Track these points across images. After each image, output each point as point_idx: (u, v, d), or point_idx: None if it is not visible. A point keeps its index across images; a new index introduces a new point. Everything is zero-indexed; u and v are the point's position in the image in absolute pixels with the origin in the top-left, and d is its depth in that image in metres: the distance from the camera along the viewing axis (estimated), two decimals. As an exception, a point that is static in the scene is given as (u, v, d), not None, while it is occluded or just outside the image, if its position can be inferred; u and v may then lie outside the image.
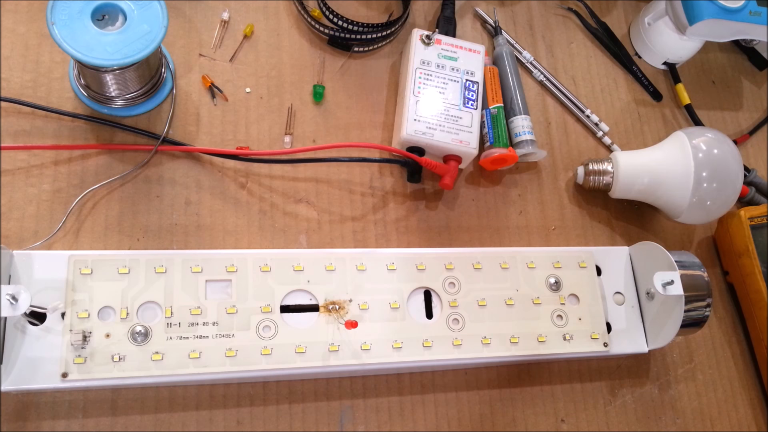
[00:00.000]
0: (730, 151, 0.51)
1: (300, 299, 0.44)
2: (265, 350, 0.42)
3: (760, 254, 0.54)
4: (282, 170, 0.50)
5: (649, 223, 0.58)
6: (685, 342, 0.55)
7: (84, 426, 0.41)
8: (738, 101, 0.65)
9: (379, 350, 0.44)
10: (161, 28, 0.42)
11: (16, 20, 0.48)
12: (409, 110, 0.50)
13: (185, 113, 0.49)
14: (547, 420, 0.49)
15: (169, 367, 0.40)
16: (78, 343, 0.39)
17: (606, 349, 0.48)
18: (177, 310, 0.41)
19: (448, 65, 0.52)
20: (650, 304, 0.49)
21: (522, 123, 0.54)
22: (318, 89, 0.52)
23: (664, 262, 0.47)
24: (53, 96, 0.47)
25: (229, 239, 0.47)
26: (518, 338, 0.46)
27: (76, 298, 0.40)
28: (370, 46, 0.55)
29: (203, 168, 0.48)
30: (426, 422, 0.47)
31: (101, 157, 0.46)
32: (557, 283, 0.49)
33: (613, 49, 0.62)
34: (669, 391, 0.53)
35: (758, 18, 0.57)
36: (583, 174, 0.55)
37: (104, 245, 0.45)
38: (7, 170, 0.45)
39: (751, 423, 0.54)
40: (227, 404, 0.44)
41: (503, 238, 0.53)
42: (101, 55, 0.40)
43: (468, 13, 0.59)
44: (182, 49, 0.51)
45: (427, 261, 0.47)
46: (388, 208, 0.51)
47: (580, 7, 0.63)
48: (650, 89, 0.62)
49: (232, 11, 0.53)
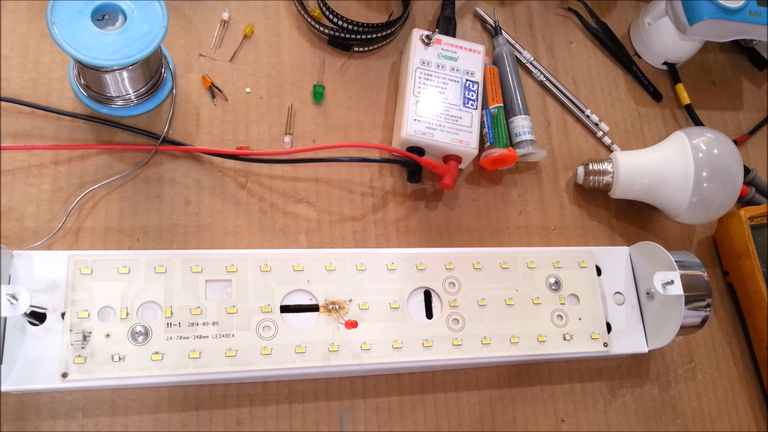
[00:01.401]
0: (730, 151, 0.51)
1: (300, 299, 0.44)
2: (265, 350, 0.42)
3: (760, 254, 0.54)
4: (282, 170, 0.50)
5: (649, 223, 0.58)
6: (685, 342, 0.55)
7: (84, 426, 0.41)
8: (738, 101, 0.65)
9: (379, 350, 0.44)
10: (161, 28, 0.42)
11: (16, 20, 0.48)
12: (409, 110, 0.50)
13: (185, 113, 0.49)
14: (547, 420, 0.49)
15: (169, 367, 0.40)
16: (78, 343, 0.39)
17: (606, 349, 0.48)
18: (177, 310, 0.41)
19: (448, 65, 0.52)
20: (650, 304, 0.49)
21: (522, 123, 0.54)
22: (318, 89, 0.52)
23: (664, 262, 0.47)
24: (53, 96, 0.47)
25: (229, 239, 0.47)
26: (518, 338, 0.46)
27: (76, 298, 0.40)
28: (370, 46, 0.55)
29: (203, 168, 0.48)
30: (426, 422, 0.47)
31: (101, 157, 0.46)
32: (557, 283, 0.49)
33: (613, 49, 0.62)
34: (669, 391, 0.53)
35: (758, 18, 0.57)
36: (583, 174, 0.55)
37: (104, 245, 0.45)
38: (7, 170, 0.45)
39: (751, 423, 0.54)
40: (227, 404, 0.44)
41: (503, 238, 0.53)
42: (101, 55, 0.40)
43: (468, 13, 0.59)
44: (182, 49, 0.51)
45: (427, 261, 0.47)
46: (388, 208, 0.51)
47: (580, 7, 0.63)
48: (650, 89, 0.62)
49: (232, 11, 0.53)
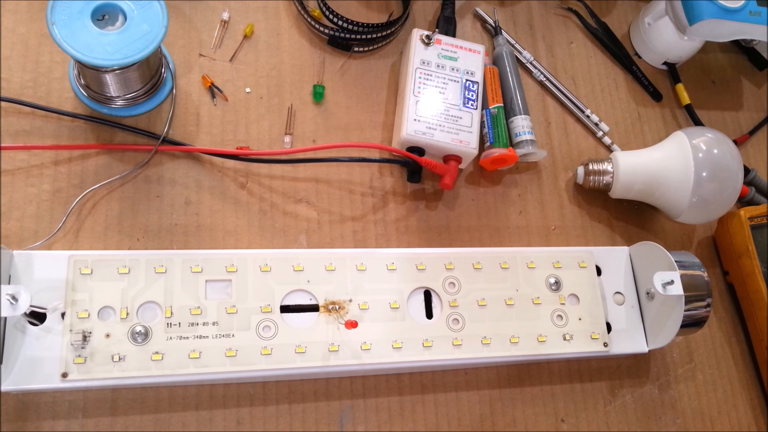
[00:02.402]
0: (730, 151, 0.51)
1: (300, 299, 0.44)
2: (265, 350, 0.42)
3: (760, 254, 0.54)
4: (282, 170, 0.50)
5: (649, 223, 0.58)
6: (685, 342, 0.55)
7: (84, 426, 0.41)
8: (738, 101, 0.65)
9: (379, 350, 0.44)
10: (161, 28, 0.42)
11: (16, 20, 0.48)
12: (409, 110, 0.50)
13: (185, 113, 0.49)
14: (547, 420, 0.49)
15: (169, 367, 0.40)
16: (78, 343, 0.39)
17: (606, 349, 0.48)
18: (177, 310, 0.41)
19: (448, 65, 0.52)
20: (650, 304, 0.49)
21: (522, 123, 0.54)
22: (318, 89, 0.52)
23: (664, 262, 0.47)
24: (53, 96, 0.47)
25: (229, 239, 0.47)
26: (518, 338, 0.46)
27: (76, 298, 0.40)
28: (370, 46, 0.55)
29: (203, 168, 0.48)
30: (426, 422, 0.47)
31: (101, 157, 0.46)
32: (557, 283, 0.49)
33: (613, 49, 0.62)
34: (669, 391, 0.53)
35: (758, 18, 0.57)
36: (583, 174, 0.55)
37: (104, 245, 0.45)
38: (7, 170, 0.45)
39: (751, 423, 0.54)
40: (227, 404, 0.44)
41: (503, 238, 0.53)
42: (101, 55, 0.40)
43: (468, 13, 0.59)
44: (182, 49, 0.51)
45: (427, 261, 0.47)
46: (388, 208, 0.51)
47: (580, 7, 0.63)
48: (650, 89, 0.62)
49: (232, 11, 0.53)
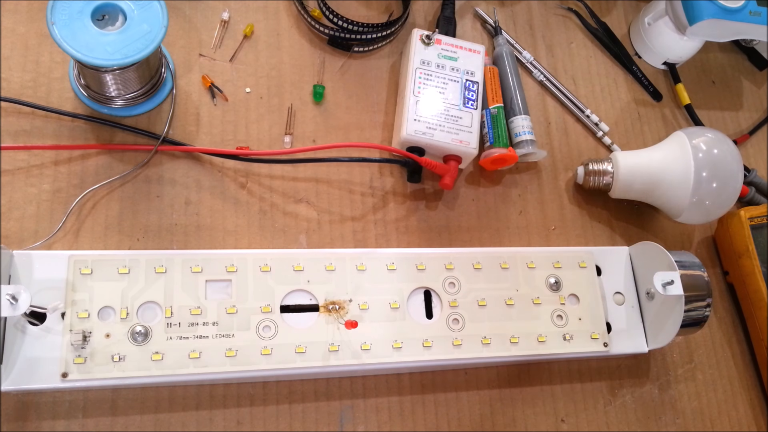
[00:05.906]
0: (730, 151, 0.51)
1: (300, 299, 0.44)
2: (265, 350, 0.42)
3: (760, 254, 0.54)
4: (282, 170, 0.50)
5: (649, 223, 0.58)
6: (685, 342, 0.55)
7: (84, 426, 0.41)
8: (738, 101, 0.65)
9: (379, 350, 0.44)
10: (161, 28, 0.42)
11: (16, 20, 0.48)
12: (409, 110, 0.50)
13: (185, 113, 0.49)
14: (547, 420, 0.49)
15: (169, 367, 0.40)
16: (78, 343, 0.39)
17: (606, 349, 0.48)
18: (177, 310, 0.41)
19: (448, 65, 0.52)
20: (650, 304, 0.49)
21: (522, 123, 0.54)
22: (318, 89, 0.52)
23: (664, 262, 0.47)
24: (53, 96, 0.47)
25: (229, 239, 0.47)
26: (518, 338, 0.46)
27: (76, 298, 0.40)
28: (370, 46, 0.55)
29: (203, 168, 0.48)
30: (426, 422, 0.47)
31: (101, 157, 0.46)
32: (557, 283, 0.49)
33: (613, 49, 0.62)
34: (669, 391, 0.53)
35: (758, 18, 0.57)
36: (583, 174, 0.55)
37: (104, 245, 0.45)
38: (7, 170, 0.45)
39: (751, 423, 0.54)
40: (227, 404, 0.44)
41: (503, 238, 0.53)
42: (101, 55, 0.40)
43: (468, 13, 0.59)
44: (182, 49, 0.51)
45: (427, 261, 0.47)
46: (388, 208, 0.51)
47: (580, 7, 0.63)
48: (650, 89, 0.62)
49: (232, 11, 0.53)
